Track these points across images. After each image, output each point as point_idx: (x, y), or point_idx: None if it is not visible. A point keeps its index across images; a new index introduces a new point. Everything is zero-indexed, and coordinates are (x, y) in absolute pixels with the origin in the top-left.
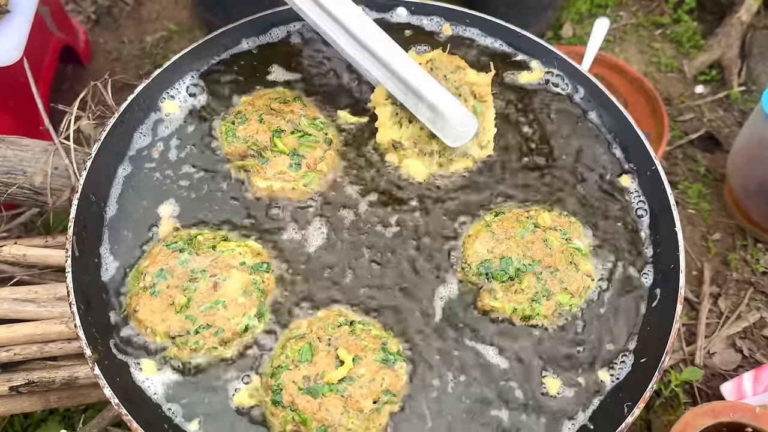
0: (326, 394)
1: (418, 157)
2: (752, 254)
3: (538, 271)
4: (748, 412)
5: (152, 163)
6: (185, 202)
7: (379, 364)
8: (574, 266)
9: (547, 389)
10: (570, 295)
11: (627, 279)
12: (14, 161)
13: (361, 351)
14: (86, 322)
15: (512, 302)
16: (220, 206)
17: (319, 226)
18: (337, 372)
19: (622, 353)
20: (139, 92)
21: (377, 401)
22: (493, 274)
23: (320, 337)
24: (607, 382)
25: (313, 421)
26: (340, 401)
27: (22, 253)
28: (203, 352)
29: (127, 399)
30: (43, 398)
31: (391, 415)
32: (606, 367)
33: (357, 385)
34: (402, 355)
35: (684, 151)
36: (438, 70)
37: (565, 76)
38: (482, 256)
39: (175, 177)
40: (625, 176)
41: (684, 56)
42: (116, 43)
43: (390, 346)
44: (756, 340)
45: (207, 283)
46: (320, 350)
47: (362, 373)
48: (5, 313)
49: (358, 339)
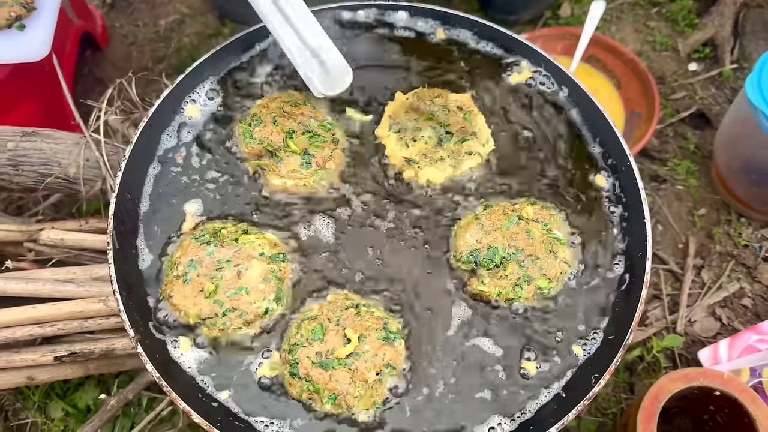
0: (336, 367)
1: (431, 166)
2: (735, 228)
3: (521, 259)
4: (717, 377)
5: (178, 164)
6: (208, 198)
7: (381, 342)
8: (553, 254)
9: (527, 366)
10: (548, 280)
11: (600, 265)
12: (49, 153)
13: (366, 330)
14: (128, 306)
15: (497, 287)
16: (240, 202)
17: (328, 220)
18: (345, 348)
19: (593, 331)
20: (164, 98)
21: (380, 373)
22: (480, 262)
23: (330, 318)
24: (580, 356)
25: (325, 390)
26: (348, 373)
27: (60, 237)
28: (230, 332)
29: (166, 372)
30: (83, 366)
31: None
32: (579, 343)
33: (362, 360)
34: (401, 333)
35: (675, 128)
36: (424, 99)
37: (551, 76)
38: (471, 246)
39: (199, 176)
40: (602, 171)
41: (679, 35)
42: (131, 27)
43: (390, 326)
44: (735, 309)
45: (231, 271)
46: (330, 330)
47: (366, 350)
48: (49, 292)
49: (362, 320)
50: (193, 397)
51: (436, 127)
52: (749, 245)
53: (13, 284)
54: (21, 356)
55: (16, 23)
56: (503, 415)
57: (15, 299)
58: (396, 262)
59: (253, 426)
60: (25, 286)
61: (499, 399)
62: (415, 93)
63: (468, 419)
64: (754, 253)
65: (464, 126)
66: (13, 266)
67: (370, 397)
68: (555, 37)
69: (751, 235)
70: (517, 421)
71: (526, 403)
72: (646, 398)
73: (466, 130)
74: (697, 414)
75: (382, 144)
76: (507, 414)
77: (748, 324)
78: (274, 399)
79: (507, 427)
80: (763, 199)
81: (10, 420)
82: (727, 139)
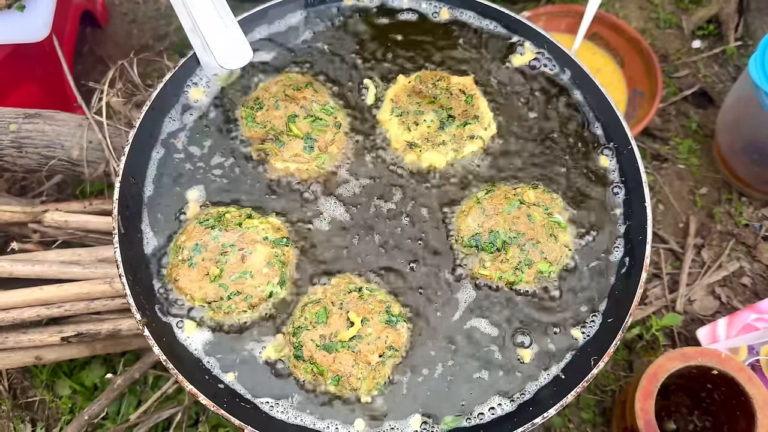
0: (339, 350)
1: (433, 150)
2: (736, 207)
3: (522, 243)
4: (715, 356)
5: (181, 148)
6: (211, 183)
7: (384, 325)
8: (554, 238)
9: (521, 354)
10: (549, 264)
11: (601, 248)
12: (52, 136)
13: (369, 314)
14: (134, 290)
15: (498, 270)
16: (243, 186)
17: (332, 202)
18: (348, 332)
19: (592, 314)
20: (167, 81)
21: (382, 355)
22: (482, 245)
23: (333, 301)
24: (579, 338)
25: (328, 372)
26: (351, 356)
27: (64, 219)
28: (235, 315)
29: (172, 355)
30: (90, 346)
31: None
32: (579, 326)
33: (365, 342)
34: (403, 316)
35: (678, 107)
36: (426, 82)
37: (554, 58)
38: (473, 230)
39: (202, 161)
40: (604, 153)
41: (683, 12)
42: (131, 4)
43: (393, 309)
44: (734, 288)
45: (236, 256)
46: (334, 313)
47: (369, 332)
48: (55, 274)
49: (365, 303)
50: (200, 379)
51: (439, 111)
52: (749, 224)
53: (19, 266)
54: (29, 336)
55: (15, 3)
56: (503, 396)
57: (22, 281)
58: (398, 246)
59: (258, 407)
60: (31, 267)
61: (498, 380)
62: (417, 76)
63: (467, 399)
64: (754, 232)
65: (466, 109)
66: (18, 248)
67: (373, 379)
68: (559, 14)
69: (751, 214)
70: (517, 402)
71: (525, 384)
72: (645, 377)
73: (468, 114)
74: (695, 391)
75: (384, 127)
76: (506, 395)
77: (747, 303)
78: (278, 379)
79: (507, 408)
80: (764, 179)
81: (18, 398)
82: (730, 118)
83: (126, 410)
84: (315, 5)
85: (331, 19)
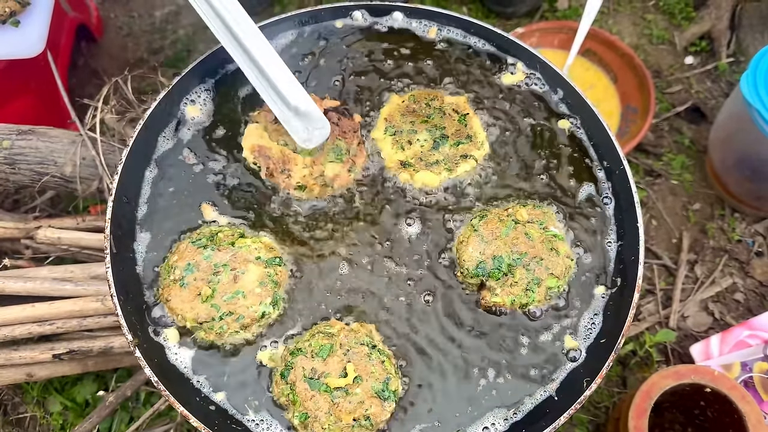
0: (321, 392)
1: (426, 169)
2: (729, 223)
3: (526, 262)
4: (708, 374)
5: (176, 165)
6: (209, 200)
7: (374, 393)
8: (555, 251)
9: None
10: (557, 278)
11: (593, 267)
12: (45, 152)
13: (367, 375)
14: (126, 310)
15: (510, 295)
16: (239, 205)
17: (329, 226)
18: (338, 380)
19: (588, 330)
20: (161, 99)
21: (357, 420)
22: (489, 273)
23: (342, 344)
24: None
25: (301, 405)
26: (328, 404)
27: (57, 236)
28: (227, 336)
29: (164, 376)
30: (82, 363)
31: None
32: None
33: (347, 400)
34: (396, 395)
35: (671, 123)
36: (420, 101)
37: (546, 78)
38: (476, 259)
39: (196, 178)
40: (596, 173)
41: (676, 28)
42: (126, 18)
43: (391, 384)
44: (727, 304)
45: (228, 275)
46: (336, 355)
47: (357, 393)
48: (46, 291)
49: (369, 363)
50: (191, 401)
51: (432, 130)
52: (742, 240)
53: (11, 283)
54: (20, 354)
55: (10, 19)
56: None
57: (13, 297)
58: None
59: (248, 429)
60: (23, 284)
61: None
62: (411, 95)
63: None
64: (747, 248)
65: (460, 129)
66: (11, 264)
67: None
68: (552, 30)
69: (744, 230)
70: (510, 421)
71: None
72: (638, 394)
73: (461, 133)
74: (689, 409)
75: (378, 146)
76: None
77: (741, 318)
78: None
79: (500, 427)
80: (756, 195)
81: (9, 414)
82: (722, 135)
83: (118, 427)
84: (309, 24)
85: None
